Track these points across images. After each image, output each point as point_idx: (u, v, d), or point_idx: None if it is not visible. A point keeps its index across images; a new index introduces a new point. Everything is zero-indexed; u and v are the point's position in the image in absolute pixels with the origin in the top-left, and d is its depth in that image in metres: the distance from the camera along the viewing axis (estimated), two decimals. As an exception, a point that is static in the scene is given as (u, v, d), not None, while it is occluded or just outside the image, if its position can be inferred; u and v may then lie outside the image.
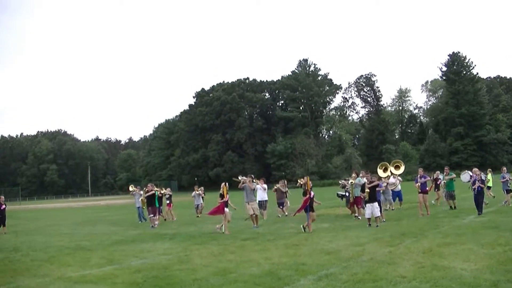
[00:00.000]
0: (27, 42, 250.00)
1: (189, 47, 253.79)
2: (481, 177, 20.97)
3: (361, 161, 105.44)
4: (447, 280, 8.83)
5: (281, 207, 26.53)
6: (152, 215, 24.07)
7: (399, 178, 25.27)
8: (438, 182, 26.60)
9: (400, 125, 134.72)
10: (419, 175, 23.37)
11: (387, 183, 25.49)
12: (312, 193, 18.58)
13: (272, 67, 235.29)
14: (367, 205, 18.96)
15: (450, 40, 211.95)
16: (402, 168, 24.81)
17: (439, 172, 27.71)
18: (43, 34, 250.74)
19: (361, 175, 22.95)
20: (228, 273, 10.71)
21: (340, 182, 27.19)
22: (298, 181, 27.62)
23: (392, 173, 24.55)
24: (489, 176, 29.71)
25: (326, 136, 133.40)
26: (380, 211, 19.37)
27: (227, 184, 20.67)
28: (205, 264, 11.96)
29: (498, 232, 14.43)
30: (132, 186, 29.66)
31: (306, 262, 11.40)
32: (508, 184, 24.81)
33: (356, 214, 22.40)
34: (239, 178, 22.13)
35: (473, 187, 21.16)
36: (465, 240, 13.27)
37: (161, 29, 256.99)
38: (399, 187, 25.39)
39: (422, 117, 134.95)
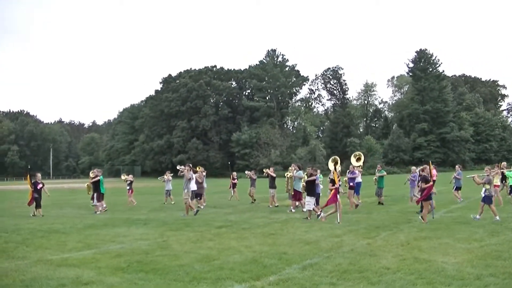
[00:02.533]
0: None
1: (157, 33, 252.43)
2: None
3: (325, 153, 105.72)
4: (430, 273, 8.98)
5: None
6: (97, 202, 24.09)
7: (360, 169, 25.24)
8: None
9: (365, 119, 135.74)
10: (348, 170, 23.73)
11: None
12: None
13: (240, 56, 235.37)
14: (307, 198, 19.11)
15: (418, 37, 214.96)
16: (362, 159, 25.02)
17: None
18: (7, 13, 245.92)
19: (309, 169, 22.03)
20: (211, 260, 10.70)
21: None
22: (265, 171, 27.25)
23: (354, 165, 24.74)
24: None
25: (291, 127, 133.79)
26: (316, 204, 19.22)
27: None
28: (186, 251, 11.93)
29: (470, 228, 14.71)
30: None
31: (287, 252, 11.46)
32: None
33: (292, 208, 22.19)
34: (178, 167, 22.40)
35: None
36: (440, 235, 13.50)
37: (130, 14, 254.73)
38: (360, 179, 25.21)
39: (387, 112, 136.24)
